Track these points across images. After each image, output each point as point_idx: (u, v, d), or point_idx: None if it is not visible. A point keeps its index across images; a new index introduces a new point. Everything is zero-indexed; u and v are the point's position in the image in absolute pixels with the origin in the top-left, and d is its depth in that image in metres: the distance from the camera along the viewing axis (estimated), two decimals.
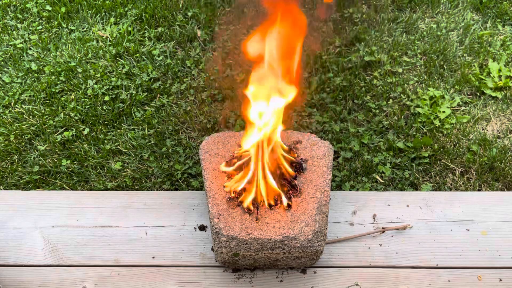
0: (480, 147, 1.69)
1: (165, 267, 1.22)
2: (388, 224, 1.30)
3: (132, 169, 1.66)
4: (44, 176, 1.65)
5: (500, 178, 1.61)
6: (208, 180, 1.16)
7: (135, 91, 1.91)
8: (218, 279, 1.20)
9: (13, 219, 1.33)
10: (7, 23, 2.24)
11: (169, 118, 1.81)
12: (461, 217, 1.31)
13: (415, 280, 1.19)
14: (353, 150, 1.69)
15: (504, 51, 2.03)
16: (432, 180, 1.62)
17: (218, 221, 1.08)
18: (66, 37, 2.15)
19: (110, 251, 1.25)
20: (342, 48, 2.07)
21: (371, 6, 2.24)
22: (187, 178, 1.63)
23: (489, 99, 1.88)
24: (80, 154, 1.70)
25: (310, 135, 1.27)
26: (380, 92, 1.89)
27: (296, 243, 1.07)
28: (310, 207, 1.10)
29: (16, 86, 1.94)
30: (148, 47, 2.09)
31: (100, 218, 1.33)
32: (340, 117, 1.81)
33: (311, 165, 1.19)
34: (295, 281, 1.19)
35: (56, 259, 1.24)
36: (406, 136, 1.74)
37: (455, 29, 2.15)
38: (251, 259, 1.12)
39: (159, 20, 2.21)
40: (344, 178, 1.62)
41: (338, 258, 1.23)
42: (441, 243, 1.26)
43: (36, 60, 2.05)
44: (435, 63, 1.99)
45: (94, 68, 1.99)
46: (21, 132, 1.77)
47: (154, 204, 1.36)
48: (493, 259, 1.23)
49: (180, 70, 2.00)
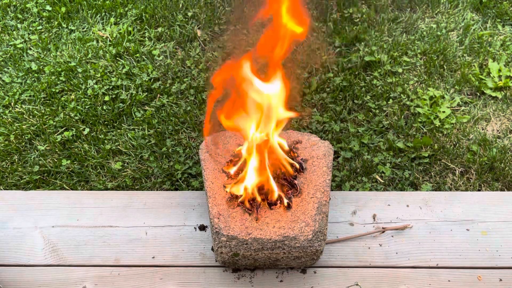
0: (480, 147, 1.69)
1: (165, 267, 1.22)
2: (388, 224, 1.30)
3: (132, 169, 1.66)
4: (44, 176, 1.65)
5: (500, 178, 1.61)
6: (208, 180, 1.16)
7: (135, 91, 1.91)
8: (218, 279, 1.20)
9: (13, 219, 1.33)
10: (7, 23, 2.24)
11: (169, 118, 1.81)
12: (461, 217, 1.31)
13: (415, 280, 1.19)
14: (353, 150, 1.69)
15: (504, 51, 2.03)
16: (432, 180, 1.62)
17: (218, 221, 1.08)
18: (66, 37, 2.15)
19: (110, 251, 1.25)
20: (342, 48, 2.07)
21: (371, 6, 2.24)
22: (187, 178, 1.63)
23: (489, 99, 1.88)
24: (80, 154, 1.70)
25: (310, 135, 1.27)
26: (380, 92, 1.89)
27: (296, 243, 1.07)
28: (310, 207, 1.10)
29: (16, 86, 1.94)
30: (148, 47, 2.09)
31: (100, 218, 1.33)
32: (340, 117, 1.81)
33: (311, 165, 1.19)
34: (295, 281, 1.19)
35: (56, 259, 1.24)
36: (406, 136, 1.74)
37: (455, 29, 2.15)
38: (251, 259, 1.12)
39: (159, 20, 2.21)
40: (344, 178, 1.62)
41: (338, 258, 1.23)
42: (441, 243, 1.26)
43: (36, 60, 2.05)
44: (435, 63, 1.99)
45: (94, 68, 1.99)
46: (21, 132, 1.77)
47: (154, 204, 1.36)
48: (493, 259, 1.23)
49: (180, 70, 2.00)
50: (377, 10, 2.24)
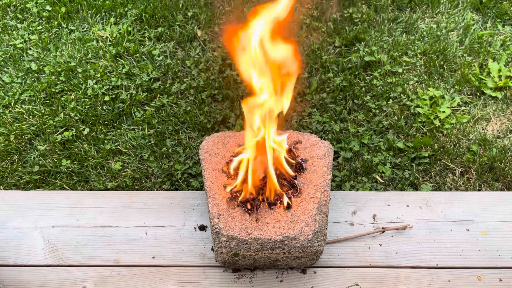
0: (480, 147, 1.69)
1: (165, 267, 1.22)
2: (388, 224, 1.30)
3: (132, 169, 1.66)
4: (44, 176, 1.65)
5: (500, 178, 1.61)
6: (208, 180, 1.16)
7: (135, 91, 1.91)
8: (218, 279, 1.20)
9: (13, 219, 1.33)
10: (7, 23, 2.24)
11: (169, 118, 1.81)
12: (461, 217, 1.31)
13: (415, 280, 1.19)
14: (353, 150, 1.69)
15: (504, 51, 2.03)
16: (432, 180, 1.62)
17: (218, 221, 1.08)
18: (66, 37, 2.15)
19: (110, 251, 1.25)
20: (342, 48, 2.07)
21: (371, 6, 2.24)
22: (187, 178, 1.63)
23: (489, 99, 1.88)
24: (80, 154, 1.70)
25: (310, 135, 1.27)
26: (380, 92, 1.89)
27: (296, 243, 1.07)
28: (310, 207, 1.10)
29: (16, 86, 1.94)
30: (148, 47, 2.09)
31: (100, 218, 1.33)
32: (340, 117, 1.81)
33: (311, 165, 1.19)
34: (295, 281, 1.19)
35: (56, 259, 1.24)
36: (406, 136, 1.74)
37: (455, 29, 2.15)
38: (251, 259, 1.12)
39: (159, 20, 2.21)
40: (344, 178, 1.62)
41: (338, 258, 1.23)
42: (441, 243, 1.26)
43: (36, 60, 2.05)
44: (435, 63, 1.99)
45: (94, 68, 1.99)
46: (21, 132, 1.77)
47: (154, 204, 1.36)
48: (493, 259, 1.23)
49: (180, 70, 2.00)
50: (377, 10, 2.24)
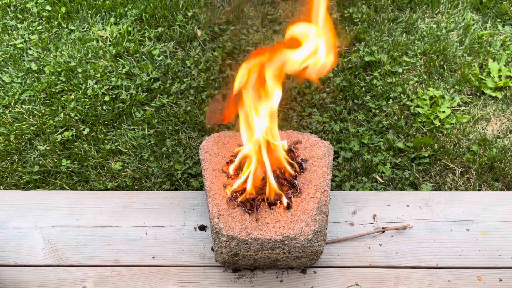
0: (480, 147, 1.69)
1: (165, 267, 1.22)
2: (388, 224, 1.30)
3: (132, 169, 1.66)
4: (44, 176, 1.65)
5: (500, 178, 1.61)
6: (208, 180, 1.16)
7: (135, 91, 1.91)
8: (218, 279, 1.20)
9: (13, 219, 1.33)
10: (7, 23, 2.24)
11: (169, 118, 1.81)
12: (461, 217, 1.31)
13: (415, 280, 1.19)
14: (353, 150, 1.69)
15: (504, 51, 2.03)
16: (432, 180, 1.62)
17: (218, 221, 1.08)
18: (66, 37, 2.15)
19: (110, 251, 1.25)
20: (342, 48, 2.07)
21: (371, 6, 2.24)
22: (187, 178, 1.63)
23: (489, 99, 1.88)
24: (80, 154, 1.70)
25: (310, 135, 1.27)
26: (380, 92, 1.89)
27: (296, 243, 1.07)
28: (310, 207, 1.10)
29: (16, 86, 1.94)
30: (148, 47, 2.09)
31: (100, 218, 1.33)
32: (340, 117, 1.81)
33: (311, 165, 1.19)
34: (295, 281, 1.19)
35: (56, 259, 1.24)
36: (406, 136, 1.74)
37: (455, 29, 2.15)
38: (251, 259, 1.12)
39: (159, 20, 2.21)
40: (344, 178, 1.62)
41: (338, 258, 1.23)
42: (441, 243, 1.26)
43: (36, 60, 2.05)
44: (435, 63, 1.99)
45: (94, 68, 1.99)
46: (21, 132, 1.77)
47: (154, 204, 1.35)
48: (493, 259, 1.23)
49: (180, 70, 2.00)
50: (377, 10, 2.24)
